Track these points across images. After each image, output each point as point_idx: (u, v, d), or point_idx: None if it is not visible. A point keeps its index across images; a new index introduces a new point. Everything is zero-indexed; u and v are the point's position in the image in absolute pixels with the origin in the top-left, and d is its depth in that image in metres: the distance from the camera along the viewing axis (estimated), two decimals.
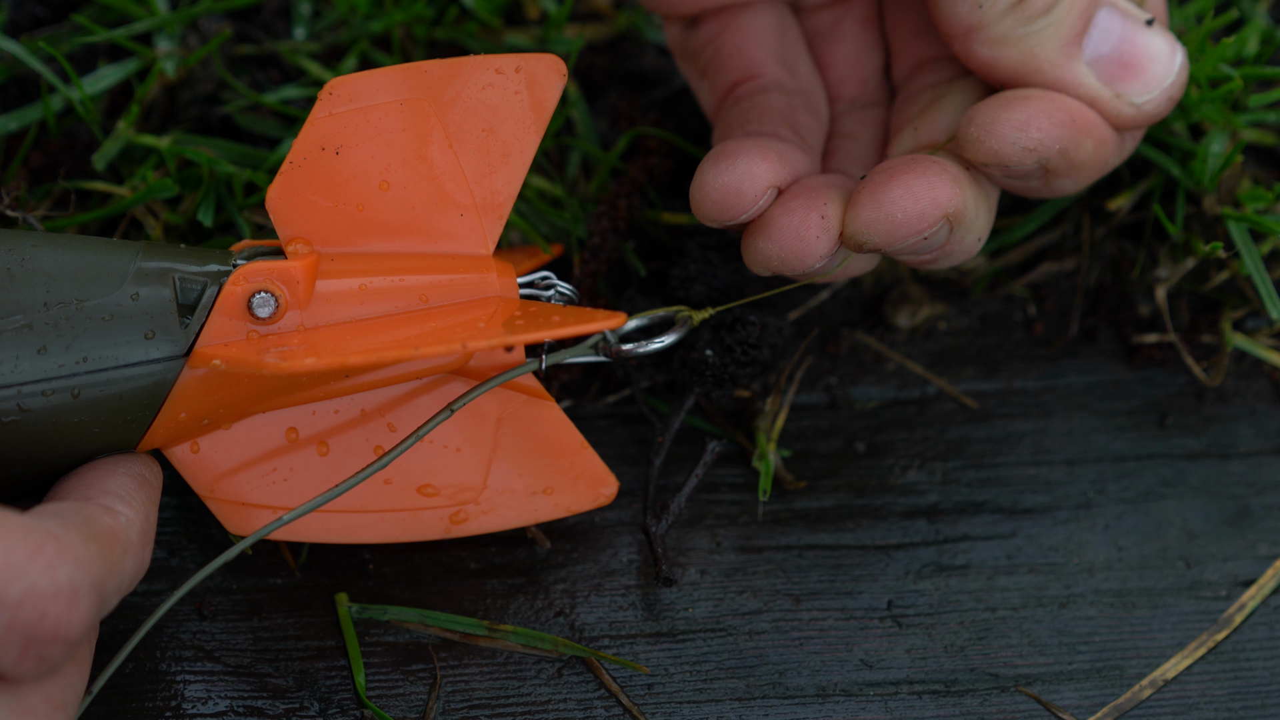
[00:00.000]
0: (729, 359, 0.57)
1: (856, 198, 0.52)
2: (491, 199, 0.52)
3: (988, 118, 0.52)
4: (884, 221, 0.51)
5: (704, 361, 0.57)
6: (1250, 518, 0.59)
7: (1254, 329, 0.62)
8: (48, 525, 0.43)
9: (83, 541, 0.44)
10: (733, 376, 0.57)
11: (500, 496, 0.53)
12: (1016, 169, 0.52)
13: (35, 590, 0.42)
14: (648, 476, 0.57)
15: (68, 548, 0.43)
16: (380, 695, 0.54)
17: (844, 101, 0.59)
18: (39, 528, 0.43)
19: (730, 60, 0.57)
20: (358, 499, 0.53)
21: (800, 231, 0.52)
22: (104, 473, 0.49)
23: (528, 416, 0.53)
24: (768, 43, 0.57)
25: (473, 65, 0.51)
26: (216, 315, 0.49)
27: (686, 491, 0.56)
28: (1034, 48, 0.53)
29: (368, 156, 0.51)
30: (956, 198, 0.52)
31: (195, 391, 0.49)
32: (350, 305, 0.51)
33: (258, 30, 0.64)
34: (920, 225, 0.51)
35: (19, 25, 0.63)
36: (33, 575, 0.42)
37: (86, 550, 0.44)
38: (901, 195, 0.51)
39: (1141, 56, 0.53)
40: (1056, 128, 0.52)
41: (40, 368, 0.48)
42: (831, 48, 0.59)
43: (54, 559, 0.42)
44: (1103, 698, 0.55)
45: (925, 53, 0.58)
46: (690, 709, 0.54)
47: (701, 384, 0.58)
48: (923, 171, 0.52)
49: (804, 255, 0.52)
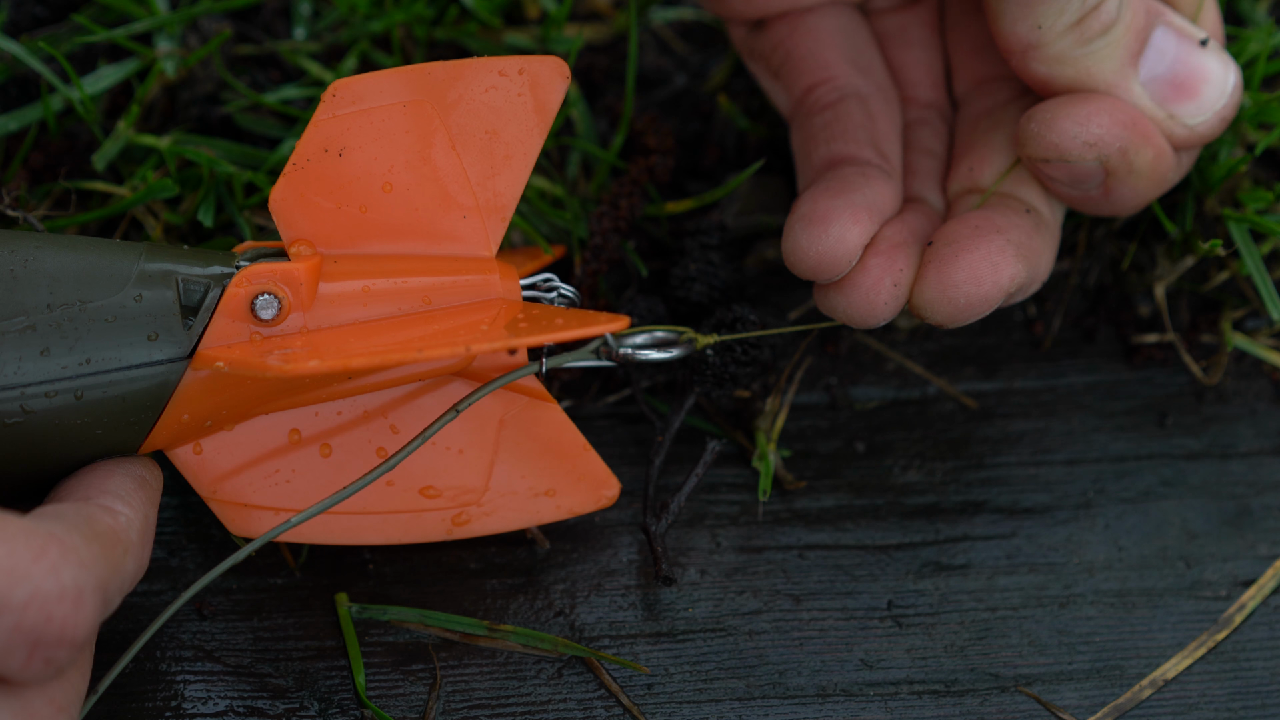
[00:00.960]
0: (729, 358, 0.57)
1: (923, 274, 0.53)
2: (494, 201, 0.52)
3: (1048, 114, 0.53)
4: (948, 304, 0.53)
5: (704, 361, 0.57)
6: (1250, 518, 0.59)
7: (1254, 329, 0.62)
8: (50, 527, 0.43)
9: (85, 543, 0.44)
10: (733, 376, 0.57)
11: (502, 498, 0.53)
12: (1077, 165, 0.53)
13: (40, 593, 0.42)
14: (648, 476, 0.57)
15: (71, 549, 0.43)
16: (380, 695, 0.54)
17: (917, 107, 0.59)
18: (41, 530, 0.43)
19: (803, 63, 0.58)
20: (360, 500, 0.53)
21: (872, 294, 0.53)
22: (103, 474, 0.49)
23: (530, 418, 0.53)
24: (839, 44, 0.58)
25: (476, 67, 0.51)
26: (219, 317, 0.49)
27: (686, 491, 0.56)
28: (1091, 67, 0.53)
29: (371, 158, 0.51)
30: (1019, 273, 0.53)
31: (198, 393, 0.49)
32: (353, 307, 0.51)
33: (258, 30, 0.64)
34: (984, 307, 0.53)
35: (19, 25, 0.63)
36: (37, 578, 0.42)
37: (89, 551, 0.44)
38: (966, 280, 0.52)
39: (1195, 78, 0.54)
40: (1117, 127, 0.53)
41: (43, 369, 0.48)
42: (901, 52, 0.59)
43: (58, 561, 0.42)
44: (1103, 698, 0.55)
45: (985, 70, 0.58)
46: (690, 709, 0.54)
47: (702, 383, 0.58)
48: (987, 251, 0.52)
49: (871, 316, 0.54)
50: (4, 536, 0.42)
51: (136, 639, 0.49)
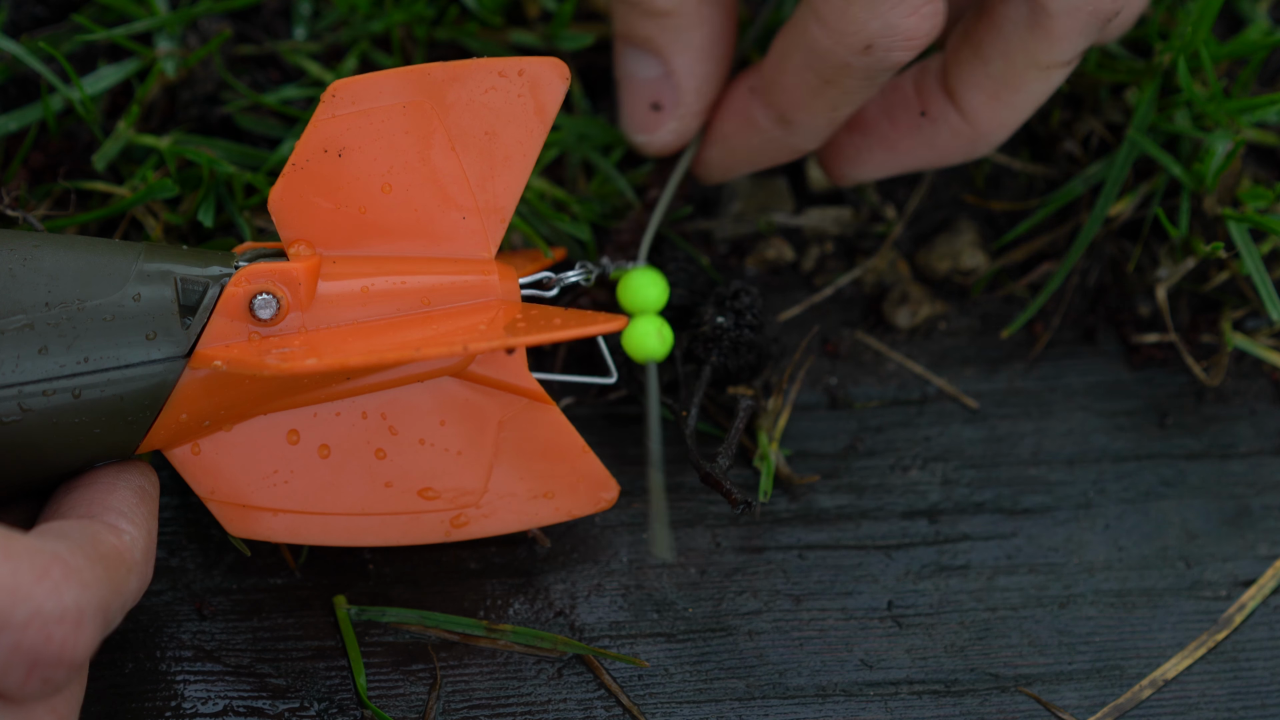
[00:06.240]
0: (741, 322, 0.57)
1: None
2: (494, 202, 0.52)
3: None
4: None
5: (719, 328, 0.57)
6: (1250, 518, 0.59)
7: (1254, 329, 0.62)
8: (54, 547, 0.43)
9: (89, 564, 0.44)
10: (748, 342, 0.58)
11: (501, 500, 0.53)
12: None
13: (41, 613, 0.42)
14: (685, 440, 0.56)
15: (74, 570, 0.43)
16: (380, 695, 0.54)
17: None
18: (46, 550, 0.43)
19: None
20: (359, 501, 0.53)
21: None
22: (106, 488, 0.49)
23: (529, 420, 0.53)
24: None
25: (476, 68, 0.51)
26: (218, 316, 0.49)
27: (733, 441, 0.56)
28: None
29: (370, 159, 0.51)
30: None
31: (196, 393, 0.49)
32: (352, 307, 0.51)
33: (258, 30, 0.64)
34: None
35: (19, 25, 0.63)
36: (39, 598, 0.42)
37: (93, 572, 0.44)
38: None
39: None
40: None
41: (41, 368, 0.48)
42: None
43: (60, 582, 0.42)
44: (1103, 698, 0.55)
45: None
46: (690, 709, 0.54)
47: (719, 351, 0.58)
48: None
49: None
50: (8, 555, 0.42)
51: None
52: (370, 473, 0.52)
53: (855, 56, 0.52)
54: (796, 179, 0.65)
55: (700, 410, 0.60)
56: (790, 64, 0.54)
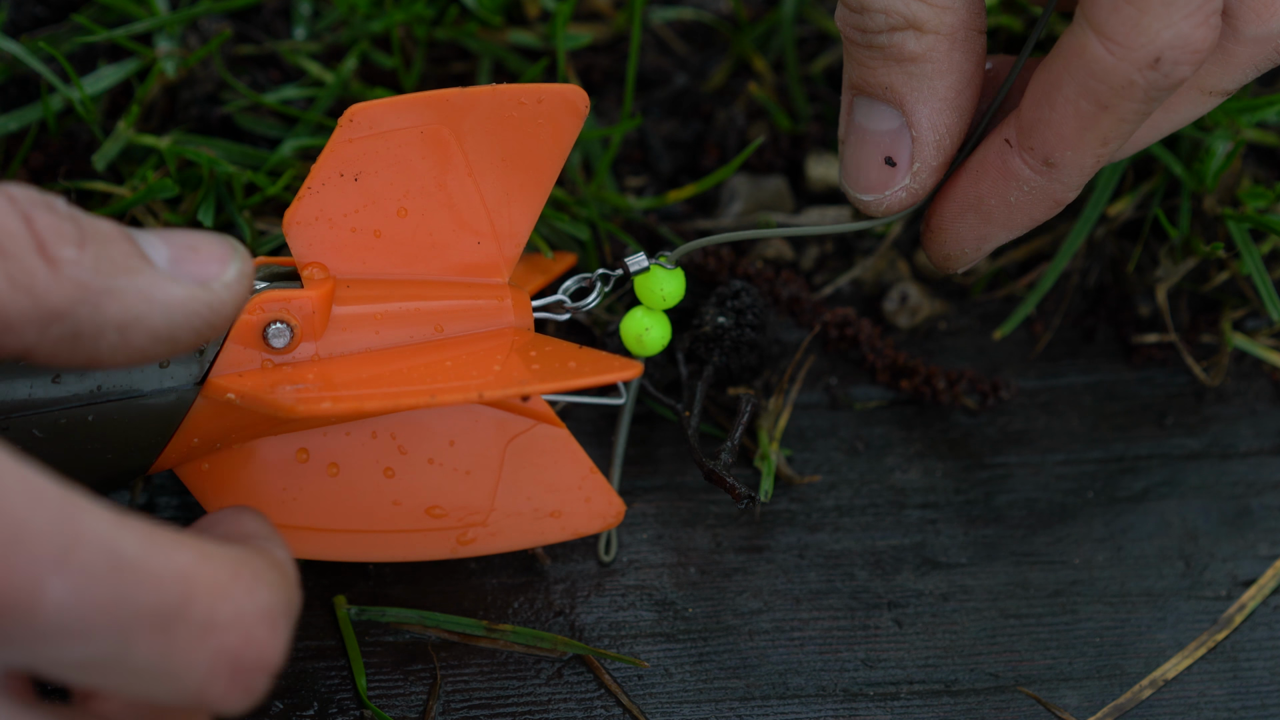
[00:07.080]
0: (742, 322, 0.58)
1: None
2: (509, 228, 0.52)
3: None
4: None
5: (720, 327, 0.57)
6: (1250, 518, 0.59)
7: (1254, 329, 0.62)
8: (234, 551, 0.41)
9: (268, 568, 0.42)
10: (750, 342, 0.58)
11: (508, 519, 0.53)
12: None
13: (242, 613, 0.39)
14: (688, 438, 0.56)
15: (259, 572, 0.41)
16: (380, 695, 0.54)
17: None
18: (229, 551, 0.41)
19: None
20: (366, 518, 0.52)
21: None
22: (232, 518, 0.46)
23: (538, 441, 0.53)
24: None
25: (494, 95, 0.51)
26: (231, 344, 0.49)
27: (737, 435, 0.56)
28: None
29: (386, 183, 0.51)
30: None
31: (209, 418, 0.49)
32: (365, 333, 0.51)
33: (258, 30, 0.64)
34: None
35: (19, 25, 0.63)
36: (238, 597, 0.40)
37: (272, 575, 0.42)
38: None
39: None
40: None
41: (54, 395, 0.48)
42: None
43: (252, 582, 0.40)
44: (1103, 698, 0.55)
45: None
46: (690, 709, 0.54)
47: (720, 351, 0.58)
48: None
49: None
50: (203, 555, 0.39)
51: None
52: (379, 491, 0.52)
53: (1141, 73, 0.48)
54: (796, 179, 0.65)
55: (701, 411, 0.60)
56: (1060, 95, 0.49)
